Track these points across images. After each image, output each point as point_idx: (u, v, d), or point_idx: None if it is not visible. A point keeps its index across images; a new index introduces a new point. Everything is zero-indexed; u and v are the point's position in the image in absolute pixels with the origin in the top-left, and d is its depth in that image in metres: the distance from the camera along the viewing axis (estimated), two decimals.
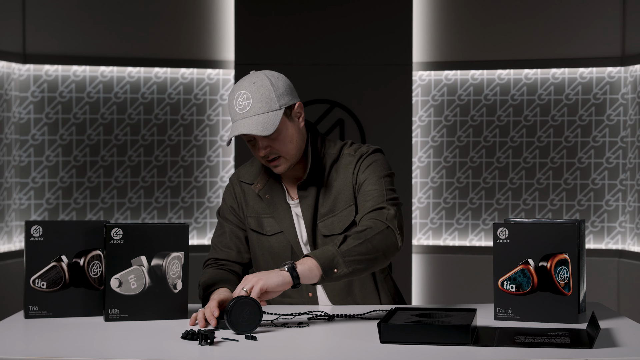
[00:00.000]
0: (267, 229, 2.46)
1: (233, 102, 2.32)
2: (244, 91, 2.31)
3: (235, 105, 2.30)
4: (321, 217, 2.42)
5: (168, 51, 5.05)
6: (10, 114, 4.77)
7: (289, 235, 2.44)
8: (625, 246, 4.95)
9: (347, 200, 2.41)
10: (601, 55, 4.97)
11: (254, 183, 2.49)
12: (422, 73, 5.17)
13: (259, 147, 2.33)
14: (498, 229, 2.21)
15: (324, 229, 2.41)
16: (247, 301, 2.05)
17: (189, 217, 5.10)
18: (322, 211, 2.42)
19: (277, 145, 2.33)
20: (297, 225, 2.45)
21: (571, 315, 2.15)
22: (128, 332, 2.08)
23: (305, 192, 2.42)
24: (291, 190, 2.47)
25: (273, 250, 2.46)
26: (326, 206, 2.42)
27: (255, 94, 2.30)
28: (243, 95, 2.30)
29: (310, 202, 2.42)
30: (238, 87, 2.34)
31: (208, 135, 5.12)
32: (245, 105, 2.29)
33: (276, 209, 2.45)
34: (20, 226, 4.83)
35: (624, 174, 4.96)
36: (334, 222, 2.41)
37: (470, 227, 5.16)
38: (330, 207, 2.42)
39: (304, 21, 5.03)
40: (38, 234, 2.23)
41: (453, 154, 5.17)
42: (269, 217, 2.46)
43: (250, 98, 2.30)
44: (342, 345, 1.98)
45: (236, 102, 2.30)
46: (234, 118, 2.32)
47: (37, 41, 4.85)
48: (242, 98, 2.30)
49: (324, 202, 2.42)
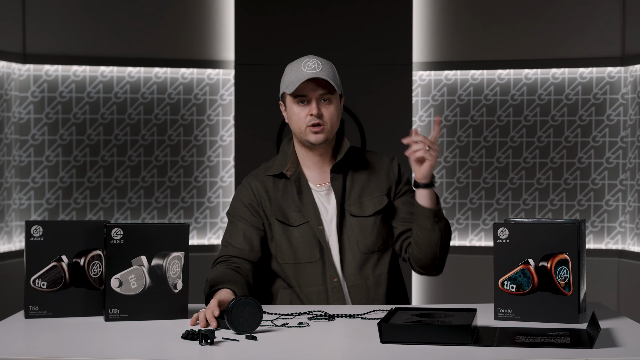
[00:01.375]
0: (292, 221, 2.53)
1: (300, 65, 2.47)
2: (314, 58, 2.49)
3: (304, 67, 2.46)
4: (350, 200, 2.55)
5: (168, 51, 5.05)
6: (10, 114, 4.77)
7: (314, 224, 2.51)
8: (625, 246, 4.95)
9: (377, 189, 2.58)
10: (601, 55, 4.97)
11: (285, 169, 2.56)
12: (422, 73, 5.17)
13: (312, 107, 2.46)
14: (498, 229, 2.21)
15: (354, 209, 2.54)
16: (247, 301, 2.05)
17: (189, 217, 5.10)
18: (351, 194, 2.55)
19: (327, 114, 2.48)
20: (322, 211, 2.54)
21: (571, 315, 2.15)
22: (128, 332, 2.08)
23: (336, 174, 2.56)
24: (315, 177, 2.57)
25: (298, 240, 2.51)
26: (356, 190, 2.56)
27: (325, 64, 2.49)
28: (313, 61, 2.48)
29: (340, 184, 2.55)
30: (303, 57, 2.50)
31: (208, 135, 5.12)
32: (316, 67, 2.46)
33: (302, 196, 2.54)
34: (20, 226, 4.83)
35: (624, 174, 4.96)
36: (363, 205, 2.55)
37: (470, 227, 5.16)
38: (360, 191, 2.56)
39: (304, 21, 5.03)
40: (38, 234, 2.23)
41: (453, 154, 5.17)
42: (292, 211, 2.53)
43: (320, 65, 2.47)
44: (342, 345, 1.98)
45: (304, 65, 2.46)
46: (300, 76, 2.45)
47: (37, 41, 4.85)
48: (312, 62, 2.47)
49: (354, 185, 2.56)
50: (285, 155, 2.60)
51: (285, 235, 2.52)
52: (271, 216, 2.54)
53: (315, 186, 2.57)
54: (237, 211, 2.59)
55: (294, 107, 2.50)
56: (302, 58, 2.51)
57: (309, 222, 2.51)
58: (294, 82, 2.46)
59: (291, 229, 2.52)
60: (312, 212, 2.52)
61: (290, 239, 2.52)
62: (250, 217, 2.55)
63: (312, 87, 2.46)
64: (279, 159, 2.61)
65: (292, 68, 2.51)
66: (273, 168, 2.60)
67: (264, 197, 2.56)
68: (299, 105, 2.49)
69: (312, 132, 2.48)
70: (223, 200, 5.13)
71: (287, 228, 2.53)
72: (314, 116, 2.47)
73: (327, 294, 2.50)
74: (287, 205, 2.54)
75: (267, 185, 2.57)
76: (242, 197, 2.60)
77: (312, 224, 2.51)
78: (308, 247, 2.51)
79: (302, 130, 2.50)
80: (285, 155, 2.60)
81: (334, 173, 2.56)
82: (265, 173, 2.60)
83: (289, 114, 2.54)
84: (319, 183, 2.57)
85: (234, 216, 2.59)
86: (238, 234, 2.54)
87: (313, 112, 2.47)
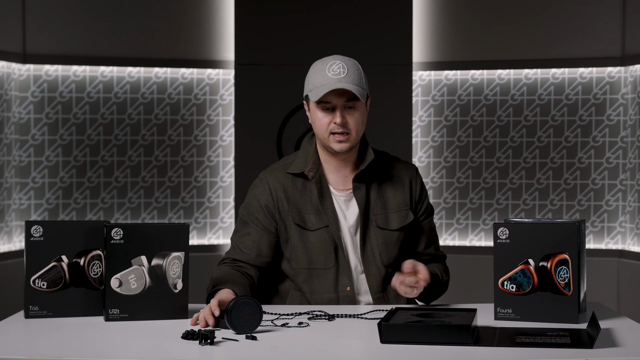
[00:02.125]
0: (309, 224, 2.46)
1: (324, 69, 2.39)
2: (340, 61, 2.40)
3: (328, 72, 2.37)
4: (375, 210, 2.48)
5: (168, 51, 5.05)
6: (10, 114, 4.77)
7: (333, 229, 2.45)
8: (625, 246, 4.95)
9: (402, 203, 2.52)
10: (601, 55, 4.97)
11: (307, 169, 2.48)
12: (422, 73, 5.17)
13: (336, 115, 2.39)
14: (498, 229, 2.21)
15: (379, 221, 2.48)
16: (247, 301, 2.05)
17: (189, 217, 5.10)
18: (377, 204, 2.49)
19: (352, 121, 2.42)
20: (341, 217, 2.48)
21: (571, 315, 2.15)
22: (128, 332, 2.08)
23: (359, 183, 2.48)
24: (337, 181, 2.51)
25: (315, 245, 2.46)
26: (380, 201, 2.49)
27: (351, 68, 2.40)
28: (338, 64, 2.39)
29: (363, 194, 2.48)
30: (328, 59, 2.42)
31: (208, 135, 5.12)
32: (341, 72, 2.38)
33: (323, 199, 2.47)
34: (20, 226, 4.83)
35: (624, 174, 4.96)
36: (388, 217, 2.49)
37: (470, 227, 5.16)
38: (383, 202, 2.50)
39: (304, 21, 5.03)
40: (38, 234, 2.23)
41: (453, 154, 5.17)
42: (310, 214, 2.46)
43: (346, 68, 2.39)
44: (342, 345, 1.98)
45: (329, 69, 2.38)
46: (324, 81, 2.37)
47: (37, 41, 4.85)
48: (337, 66, 2.39)
49: (378, 196, 2.50)
50: (307, 154, 2.51)
51: (302, 239, 2.46)
52: (287, 218, 2.47)
53: (336, 191, 2.50)
54: (251, 210, 2.51)
55: (318, 113, 2.42)
56: (328, 59, 2.42)
57: (328, 227, 2.45)
58: (318, 90, 2.38)
59: (308, 233, 2.46)
60: (332, 217, 2.46)
61: (306, 243, 2.46)
62: (264, 219, 2.49)
63: (337, 93, 2.38)
64: (300, 157, 2.53)
65: (316, 70, 2.41)
66: (293, 166, 2.51)
67: (281, 198, 2.48)
68: (323, 112, 2.41)
69: (336, 141, 2.41)
70: (223, 200, 5.13)
71: (303, 232, 2.46)
72: (337, 124, 2.39)
73: (338, 301, 2.47)
74: (305, 207, 2.47)
75: (286, 184, 2.49)
76: (258, 195, 2.51)
77: (332, 228, 2.45)
78: (323, 252, 2.45)
79: (325, 137, 2.43)
80: (307, 153, 2.52)
81: (357, 182, 2.48)
82: (285, 170, 2.52)
83: (312, 118, 2.46)
84: (340, 188, 2.50)
85: (247, 215, 2.51)
86: (247, 238, 2.49)
87: (337, 121, 2.39)
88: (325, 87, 2.36)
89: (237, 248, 2.49)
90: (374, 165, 2.52)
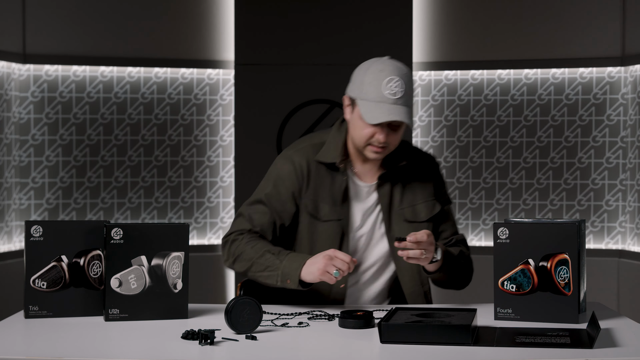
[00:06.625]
0: (322, 215, 2.46)
1: (381, 83, 2.32)
2: (398, 78, 2.33)
3: (385, 89, 2.31)
4: (402, 204, 2.48)
5: (168, 51, 5.05)
6: (10, 114, 4.77)
7: (344, 223, 2.46)
8: (625, 246, 4.95)
9: (428, 194, 2.53)
10: (601, 55, 4.97)
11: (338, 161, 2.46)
12: (422, 73, 5.17)
13: (381, 132, 2.35)
14: (498, 229, 2.21)
15: (408, 214, 2.48)
16: (247, 301, 2.05)
17: (189, 217, 5.10)
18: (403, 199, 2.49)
19: (393, 140, 2.40)
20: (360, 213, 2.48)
21: (571, 315, 2.15)
22: (128, 332, 2.08)
23: (384, 181, 2.49)
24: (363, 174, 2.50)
25: (323, 236, 2.45)
26: (407, 194, 2.50)
27: (408, 86, 2.35)
28: (398, 81, 2.33)
29: (388, 189, 2.49)
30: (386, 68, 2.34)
31: (208, 135, 5.12)
32: (398, 92, 2.32)
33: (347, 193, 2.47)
34: (20, 226, 4.83)
35: (624, 174, 4.96)
36: (416, 209, 2.50)
37: (470, 227, 5.16)
38: (410, 195, 2.50)
39: (304, 21, 5.03)
40: (38, 234, 2.23)
41: (453, 154, 5.17)
42: (325, 204, 2.45)
43: (403, 87, 2.33)
44: (342, 345, 1.98)
45: (387, 85, 2.32)
46: (379, 99, 2.32)
47: (37, 41, 4.85)
48: (396, 84, 2.32)
49: (404, 190, 2.50)
50: (337, 145, 2.48)
51: (310, 229, 2.46)
52: (302, 204, 2.46)
53: (361, 182, 2.50)
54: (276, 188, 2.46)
55: (360, 122, 2.38)
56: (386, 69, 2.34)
57: (341, 220, 2.45)
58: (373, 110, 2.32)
59: (318, 223, 2.46)
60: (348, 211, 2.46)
61: (313, 233, 2.46)
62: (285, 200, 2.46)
63: None
64: (330, 145, 2.49)
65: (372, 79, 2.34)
66: (323, 154, 2.48)
67: (304, 181, 2.46)
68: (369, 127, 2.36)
69: (373, 152, 2.40)
70: (223, 200, 5.13)
71: (313, 222, 2.46)
72: (380, 142, 2.37)
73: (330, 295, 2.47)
74: (322, 196, 2.46)
75: (311, 167, 2.47)
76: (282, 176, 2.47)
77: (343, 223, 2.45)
78: (328, 245, 2.43)
79: (362, 145, 2.41)
80: (337, 144, 2.48)
81: (382, 180, 2.49)
82: (314, 154, 2.48)
83: (353, 120, 2.41)
84: (366, 179, 2.50)
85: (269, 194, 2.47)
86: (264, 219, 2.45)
87: (380, 139, 2.36)
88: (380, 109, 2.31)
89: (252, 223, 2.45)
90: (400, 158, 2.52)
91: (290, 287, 2.31)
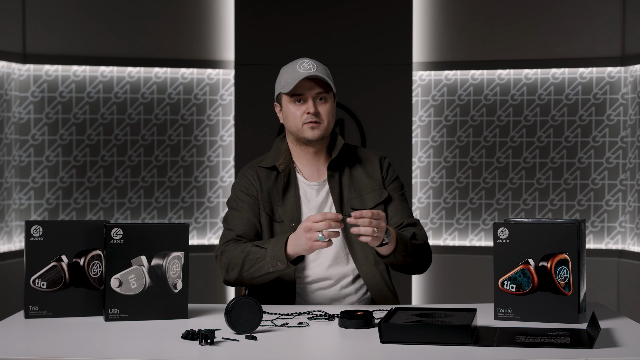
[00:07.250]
0: (276, 216, 2.58)
1: (295, 67, 2.54)
2: (308, 60, 2.56)
3: (299, 68, 2.53)
4: (350, 195, 2.61)
5: (168, 51, 5.05)
6: (10, 114, 4.77)
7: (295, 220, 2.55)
8: (625, 246, 4.95)
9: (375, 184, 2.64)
10: (601, 55, 4.97)
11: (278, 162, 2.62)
12: (422, 73, 5.17)
13: (309, 105, 2.53)
14: (498, 229, 2.21)
15: (355, 204, 2.60)
16: (247, 301, 2.05)
17: (189, 217, 5.10)
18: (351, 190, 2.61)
19: (324, 111, 2.56)
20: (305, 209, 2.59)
21: (571, 315, 2.15)
22: (128, 332, 2.08)
23: (333, 172, 2.62)
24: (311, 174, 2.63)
25: None
26: (354, 186, 2.62)
27: (319, 65, 2.56)
28: (308, 62, 2.55)
29: (337, 182, 2.61)
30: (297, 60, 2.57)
31: (208, 135, 5.12)
32: (311, 68, 2.53)
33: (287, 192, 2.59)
34: (20, 226, 4.83)
35: (624, 174, 4.96)
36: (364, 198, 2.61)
37: (470, 227, 5.16)
38: (359, 186, 2.62)
39: (304, 21, 5.03)
40: (38, 234, 2.23)
41: (453, 154, 5.17)
42: (278, 206, 2.59)
43: (315, 66, 2.54)
44: (342, 345, 1.98)
45: (300, 66, 2.53)
46: (295, 75, 2.52)
47: (37, 41, 4.85)
48: (307, 63, 2.54)
49: (352, 182, 2.62)
50: (279, 151, 2.67)
51: (269, 229, 2.57)
52: (261, 206, 2.59)
53: (310, 182, 2.62)
54: (238, 196, 2.62)
55: (291, 107, 2.57)
56: (297, 60, 2.58)
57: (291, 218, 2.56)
58: (291, 82, 2.53)
59: (275, 224, 2.58)
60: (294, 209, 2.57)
61: (272, 234, 2.57)
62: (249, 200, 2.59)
63: (309, 86, 2.54)
64: (271, 155, 2.68)
65: (287, 70, 2.58)
66: (265, 161, 2.67)
67: (257, 187, 2.61)
68: (296, 105, 2.56)
69: (309, 128, 2.55)
70: (223, 200, 5.13)
71: (272, 223, 2.58)
72: (311, 114, 2.54)
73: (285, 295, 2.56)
74: (275, 199, 2.60)
75: (261, 176, 2.63)
76: (240, 186, 2.64)
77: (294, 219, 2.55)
78: None
79: (299, 127, 2.57)
80: (279, 151, 2.67)
81: (331, 170, 2.62)
82: (258, 165, 2.67)
83: (285, 114, 2.61)
84: (315, 180, 2.63)
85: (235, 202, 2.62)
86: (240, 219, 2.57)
87: (310, 110, 2.54)
88: (297, 78, 2.50)
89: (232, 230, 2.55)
90: (345, 154, 2.66)
91: (281, 268, 2.39)
